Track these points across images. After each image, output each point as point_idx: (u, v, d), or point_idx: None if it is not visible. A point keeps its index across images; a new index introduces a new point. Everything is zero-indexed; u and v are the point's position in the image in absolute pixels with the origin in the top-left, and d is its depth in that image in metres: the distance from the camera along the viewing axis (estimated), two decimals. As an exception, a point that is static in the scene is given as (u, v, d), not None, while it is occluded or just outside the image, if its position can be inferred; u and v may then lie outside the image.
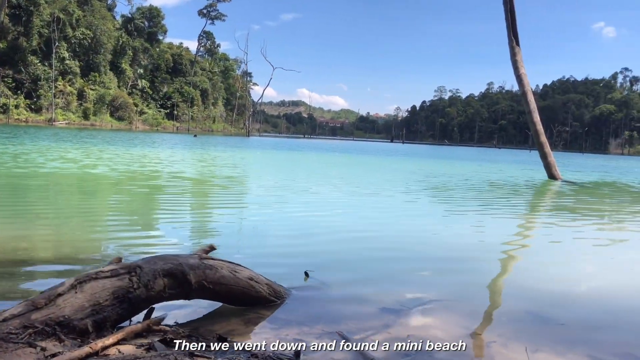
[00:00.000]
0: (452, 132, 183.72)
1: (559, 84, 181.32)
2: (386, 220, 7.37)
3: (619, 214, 9.80)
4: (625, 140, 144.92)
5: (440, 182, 15.37)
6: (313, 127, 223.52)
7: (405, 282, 4.04)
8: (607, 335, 3.08)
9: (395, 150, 53.49)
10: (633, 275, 4.72)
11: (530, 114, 18.30)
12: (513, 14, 18.43)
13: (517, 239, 6.60)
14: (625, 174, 27.63)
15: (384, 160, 29.69)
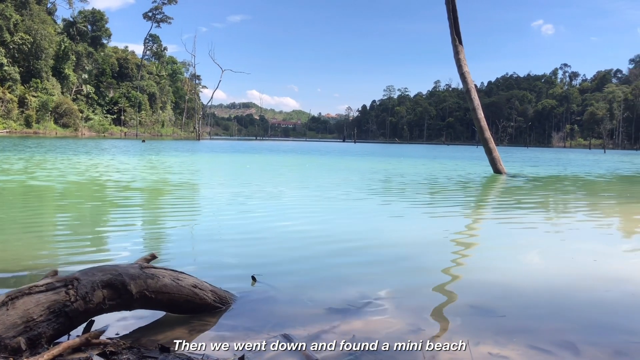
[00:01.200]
0: (402, 130, 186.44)
1: (503, 80, 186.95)
2: (336, 220, 7.41)
3: (562, 205, 10.19)
4: (567, 134, 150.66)
5: (390, 180, 15.58)
6: (265, 128, 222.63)
7: (353, 281, 4.07)
8: (546, 324, 3.19)
9: (347, 150, 53.88)
10: (573, 265, 4.89)
11: (474, 111, 18.78)
12: (455, 14, 18.88)
13: (463, 234, 6.75)
14: (567, 166, 28.73)
15: (335, 160, 29.85)
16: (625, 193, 13.55)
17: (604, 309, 3.51)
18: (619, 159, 46.94)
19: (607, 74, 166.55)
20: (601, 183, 16.71)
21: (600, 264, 4.92)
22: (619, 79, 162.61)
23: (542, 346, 2.79)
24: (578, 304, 3.65)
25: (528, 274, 4.49)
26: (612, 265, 4.92)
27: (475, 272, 4.59)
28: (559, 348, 2.77)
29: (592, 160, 41.01)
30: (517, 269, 4.69)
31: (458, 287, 4.09)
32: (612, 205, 10.44)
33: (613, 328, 3.11)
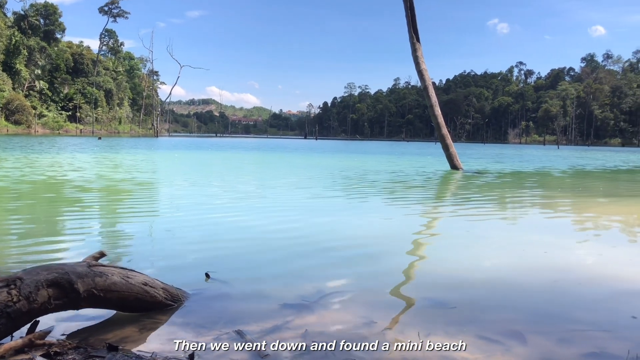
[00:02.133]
0: (363, 127, 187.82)
1: (461, 78, 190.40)
2: (295, 217, 7.40)
3: (516, 199, 10.43)
4: (522, 130, 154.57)
5: (350, 176, 15.67)
6: (225, 125, 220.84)
7: (309, 276, 4.07)
8: (495, 314, 3.26)
9: (309, 147, 53.92)
10: (524, 257, 5.02)
11: (432, 108, 19.05)
12: (413, 11, 19.09)
13: (419, 229, 6.84)
14: (521, 161, 29.49)
15: (296, 157, 29.83)
16: (577, 187, 14.00)
17: (552, 299, 3.61)
18: (571, 154, 48.44)
19: (561, 72, 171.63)
20: (555, 177, 17.21)
21: (551, 256, 5.06)
22: (572, 77, 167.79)
23: (490, 336, 2.85)
24: (527, 294, 3.75)
25: (481, 266, 4.58)
26: (562, 256, 5.06)
27: (429, 266, 4.67)
28: (506, 337, 2.83)
29: (546, 155, 42.20)
30: (470, 262, 4.78)
31: (413, 281, 4.15)
32: (564, 199, 10.75)
33: (559, 317, 3.20)
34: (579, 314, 3.26)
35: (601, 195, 11.86)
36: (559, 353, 2.64)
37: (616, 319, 3.16)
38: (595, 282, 4.06)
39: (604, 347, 2.71)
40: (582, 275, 4.27)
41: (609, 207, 9.23)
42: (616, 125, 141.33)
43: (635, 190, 13.35)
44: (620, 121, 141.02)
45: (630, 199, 10.89)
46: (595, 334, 2.89)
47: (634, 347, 2.69)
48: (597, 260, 4.94)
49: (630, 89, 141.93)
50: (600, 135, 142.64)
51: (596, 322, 3.10)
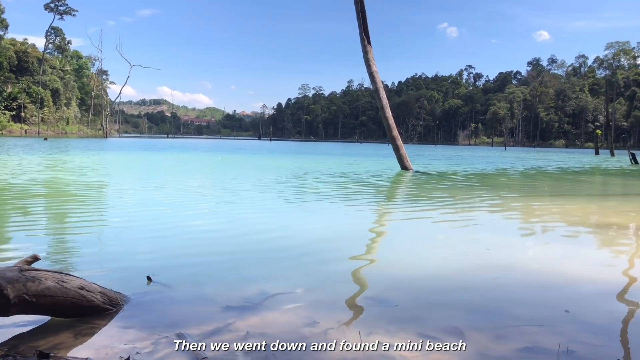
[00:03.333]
0: (317, 128, 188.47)
1: (412, 80, 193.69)
2: (244, 217, 7.34)
3: (463, 199, 10.66)
4: (471, 132, 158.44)
5: (302, 177, 15.67)
6: (177, 126, 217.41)
7: (253, 278, 4.04)
8: (436, 312, 3.32)
9: (263, 148, 53.67)
10: (468, 255, 5.13)
11: (383, 110, 19.28)
12: (364, 14, 19.28)
13: (368, 228, 6.89)
14: (470, 162, 30.22)
15: (249, 158, 29.64)
16: (522, 187, 14.42)
17: (491, 296, 3.70)
18: (518, 155, 49.94)
19: (508, 76, 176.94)
20: (501, 178, 17.70)
21: (493, 254, 5.19)
22: (519, 80, 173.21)
23: (430, 333, 2.90)
24: (468, 291, 3.83)
25: (425, 265, 4.66)
26: (503, 254, 5.20)
27: (374, 266, 4.71)
28: (445, 334, 2.88)
29: (494, 156, 43.37)
30: (415, 261, 4.86)
31: (357, 281, 4.16)
32: (509, 198, 11.06)
33: (497, 313, 3.29)
34: (516, 309, 3.35)
35: (545, 194, 12.27)
36: (494, 349, 2.71)
37: (550, 314, 3.26)
38: (532, 278, 4.18)
39: (538, 341, 2.79)
40: (521, 272, 4.40)
41: (551, 206, 9.55)
42: (560, 127, 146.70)
43: (578, 190, 13.86)
44: (564, 123, 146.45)
45: (572, 198, 11.30)
46: (530, 329, 2.97)
47: (565, 341, 2.79)
48: (536, 257, 5.11)
49: (574, 93, 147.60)
50: (545, 137, 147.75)
51: (531, 317, 3.20)
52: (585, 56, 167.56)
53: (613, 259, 5.07)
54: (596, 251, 5.48)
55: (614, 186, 16.25)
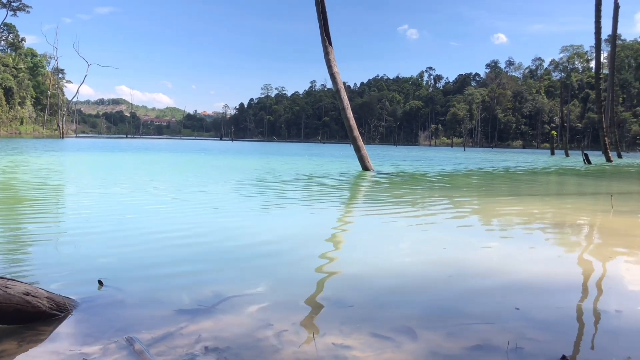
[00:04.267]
0: (280, 128, 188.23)
1: (374, 81, 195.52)
2: (202, 220, 7.25)
3: (422, 199, 10.79)
4: (432, 133, 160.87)
5: (264, 178, 15.60)
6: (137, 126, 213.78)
7: (208, 281, 3.99)
8: (390, 311, 3.34)
9: (224, 148, 53.19)
10: (423, 253, 5.19)
11: (344, 110, 19.37)
12: (325, 15, 19.33)
13: (326, 229, 6.89)
14: (429, 162, 30.66)
15: (211, 158, 29.32)
16: (481, 187, 14.71)
17: (445, 294, 3.75)
18: (476, 155, 50.95)
19: (467, 77, 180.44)
20: (460, 178, 18.02)
21: (448, 252, 5.26)
22: (478, 82, 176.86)
23: (383, 333, 2.91)
24: (422, 290, 3.88)
25: (382, 264, 4.69)
26: (459, 252, 5.28)
27: (331, 266, 4.71)
28: (398, 334, 2.91)
29: (453, 157, 44.13)
30: (373, 260, 4.88)
31: (313, 282, 4.15)
32: (467, 198, 11.26)
33: (450, 311, 3.33)
34: (468, 308, 3.41)
35: (503, 194, 12.53)
36: (446, 347, 2.74)
37: (501, 311, 3.33)
38: (486, 276, 4.26)
39: (488, 339, 2.84)
40: (474, 270, 4.47)
41: (508, 205, 9.76)
42: (518, 128, 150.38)
43: (534, 189, 14.21)
44: (521, 124, 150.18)
45: (528, 198, 11.58)
46: (481, 327, 3.02)
47: (514, 338, 2.84)
48: (490, 256, 5.20)
49: (530, 94, 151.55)
50: (503, 138, 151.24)
51: (483, 315, 3.25)
52: (541, 59, 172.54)
53: (565, 257, 5.21)
54: (549, 249, 5.62)
55: (569, 185, 16.74)
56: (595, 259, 5.15)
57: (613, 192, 12.47)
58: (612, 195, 10.59)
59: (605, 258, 5.19)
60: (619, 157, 50.13)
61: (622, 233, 6.75)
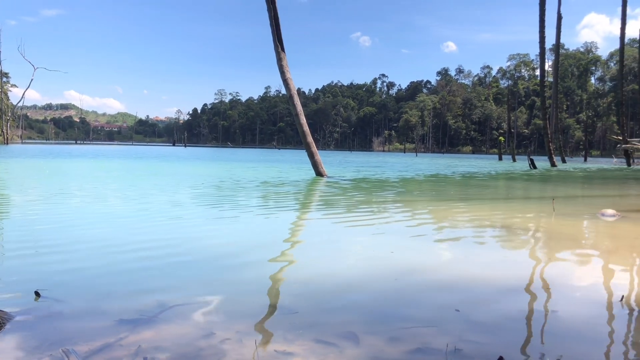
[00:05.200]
0: (234, 134, 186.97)
1: (329, 88, 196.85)
2: (149, 227, 7.11)
3: (375, 204, 10.90)
4: (385, 139, 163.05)
5: (215, 184, 15.44)
6: (87, 132, 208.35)
7: (152, 290, 3.91)
8: (334, 317, 3.35)
9: (177, 154, 52.37)
10: (372, 258, 5.23)
11: (297, 116, 19.40)
12: (277, 21, 19.34)
13: (277, 236, 6.87)
14: (382, 168, 31.05)
15: (162, 164, 28.81)
16: (431, 192, 14.98)
17: (389, 298, 3.80)
18: (428, 161, 51.93)
19: (419, 85, 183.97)
20: (412, 183, 18.30)
21: (396, 256, 5.33)
22: (429, 89, 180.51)
23: (327, 339, 2.93)
24: (368, 294, 3.91)
25: (330, 270, 4.71)
26: (407, 256, 5.35)
27: (279, 272, 4.69)
28: (341, 339, 2.93)
29: (406, 162, 44.83)
30: (321, 266, 4.90)
31: (259, 288, 4.11)
32: (419, 202, 11.45)
33: (393, 316, 3.38)
34: (411, 311, 3.46)
35: (452, 198, 12.80)
36: (387, 352, 2.78)
37: (442, 314, 3.40)
38: (430, 280, 4.34)
39: (428, 342, 2.90)
40: (420, 274, 4.55)
41: (457, 209, 9.97)
42: (467, 134, 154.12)
43: (482, 194, 14.57)
44: (471, 130, 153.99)
45: (476, 202, 11.87)
46: (422, 330, 3.08)
47: (453, 340, 2.91)
48: (437, 259, 5.30)
49: (479, 102, 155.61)
50: (454, 143, 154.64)
51: (425, 318, 3.31)
52: (489, 67, 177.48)
53: (507, 260, 5.36)
54: (493, 252, 5.78)
55: (515, 190, 17.25)
56: (535, 262, 5.33)
57: (555, 196, 12.92)
58: (554, 199, 10.97)
59: (544, 260, 5.37)
60: (563, 162, 52.07)
61: (561, 236, 7.00)
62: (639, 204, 12.66)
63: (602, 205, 10.41)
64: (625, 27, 42.76)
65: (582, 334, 3.13)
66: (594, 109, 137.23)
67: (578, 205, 11.76)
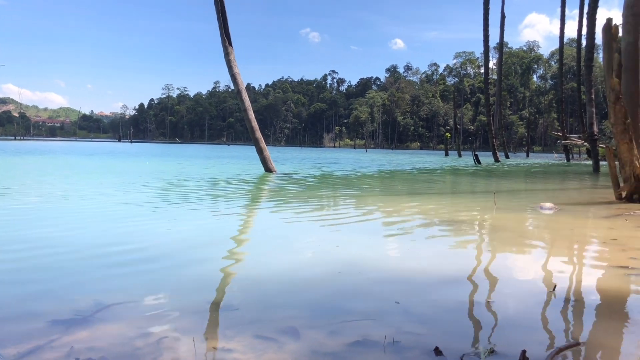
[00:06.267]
0: (182, 130, 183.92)
1: (279, 83, 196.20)
2: (89, 226, 6.90)
3: (323, 199, 10.94)
4: (336, 135, 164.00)
5: (162, 181, 15.14)
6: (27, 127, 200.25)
7: (88, 289, 3.79)
8: (276, 313, 3.33)
9: (122, 151, 51.03)
10: (317, 252, 5.25)
11: (245, 112, 19.24)
12: (224, 15, 19.11)
13: (224, 233, 6.78)
14: (332, 164, 31.23)
15: (106, 161, 28.00)
16: (380, 186, 15.17)
17: (332, 292, 3.82)
18: (377, 157, 52.59)
19: (369, 81, 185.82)
20: (361, 178, 18.47)
21: (341, 250, 5.37)
22: (378, 86, 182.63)
23: (267, 334, 2.91)
24: (310, 289, 3.92)
25: (275, 266, 4.69)
26: (352, 250, 5.39)
27: (222, 269, 4.61)
28: (282, 334, 2.92)
29: (356, 158, 45.25)
30: (266, 262, 4.88)
31: (201, 286, 4.03)
32: (367, 197, 11.55)
33: (335, 309, 3.40)
34: (353, 304, 3.49)
35: (400, 193, 13.00)
36: (327, 345, 2.79)
37: (383, 307, 3.44)
38: (373, 273, 4.39)
39: (368, 335, 2.93)
40: (363, 267, 4.60)
41: (403, 204, 10.12)
42: (416, 131, 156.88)
43: (427, 189, 14.86)
44: (419, 127, 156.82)
45: (422, 196, 12.09)
46: (362, 323, 3.11)
47: (392, 332, 2.95)
48: (381, 252, 5.37)
49: (427, 98, 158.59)
50: (402, 140, 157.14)
51: (366, 311, 3.35)
52: (437, 64, 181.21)
53: (448, 252, 5.49)
54: (435, 245, 5.90)
55: (459, 184, 17.69)
56: (474, 254, 5.48)
57: (497, 191, 13.32)
58: (495, 194, 11.31)
59: (483, 253, 5.54)
60: (507, 158, 53.80)
61: (500, 229, 7.23)
62: (576, 197, 13.23)
63: (541, 199, 10.81)
64: (564, 27, 44.49)
65: (516, 322, 3.24)
66: (536, 106, 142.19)
67: (518, 199, 12.16)
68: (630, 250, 5.62)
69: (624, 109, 10.87)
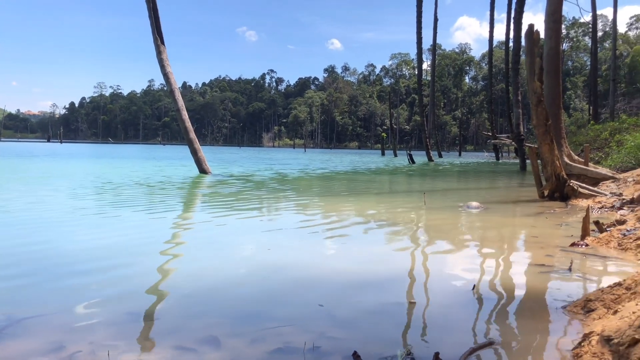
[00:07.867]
0: (116, 129, 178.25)
1: (217, 82, 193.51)
2: (12, 233, 6.58)
3: (258, 201, 10.87)
4: (275, 134, 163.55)
5: (92, 184, 14.60)
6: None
7: (1, 302, 3.62)
8: (196, 322, 3.27)
9: (51, 151, 48.84)
10: (247, 258, 5.21)
11: (178, 112, 18.88)
12: (156, 13, 18.67)
13: (152, 237, 6.60)
14: (270, 164, 31.12)
15: (33, 163, 26.72)
16: (317, 187, 15.24)
17: (256, 298, 3.80)
18: (316, 157, 52.80)
19: (307, 81, 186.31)
20: (298, 179, 18.49)
21: (272, 254, 5.35)
22: (317, 86, 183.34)
23: (187, 345, 2.87)
24: (235, 295, 3.89)
25: (200, 272, 4.62)
26: (282, 254, 5.38)
27: (143, 277, 4.42)
28: (202, 344, 2.89)
29: (294, 158, 45.26)
30: (191, 268, 4.81)
31: (121, 296, 3.87)
32: (303, 199, 11.56)
33: (258, 316, 3.39)
34: (277, 310, 3.49)
35: (335, 194, 13.09)
36: (247, 354, 2.78)
37: (306, 311, 3.46)
38: (300, 277, 4.41)
39: (289, 341, 2.94)
40: (291, 271, 4.61)
41: (339, 205, 10.20)
42: (354, 130, 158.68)
43: (367, 189, 15.05)
44: (357, 127, 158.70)
45: (358, 197, 12.23)
46: (284, 330, 3.12)
47: (313, 338, 2.97)
48: (309, 255, 5.38)
49: (364, 99, 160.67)
50: (341, 139, 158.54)
51: (289, 316, 3.36)
52: (373, 65, 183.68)
53: (375, 253, 5.58)
54: (363, 246, 5.99)
55: (393, 184, 18.03)
56: (400, 255, 5.60)
57: (428, 190, 13.68)
58: (424, 193, 11.61)
59: (409, 253, 5.67)
60: (440, 157, 55.29)
61: (427, 229, 7.43)
62: (502, 195, 13.78)
63: (470, 198, 11.20)
64: (493, 30, 46.13)
65: (436, 323, 3.34)
66: (468, 107, 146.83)
67: (448, 198, 12.53)
68: (548, 247, 5.91)
69: (545, 111, 11.41)
